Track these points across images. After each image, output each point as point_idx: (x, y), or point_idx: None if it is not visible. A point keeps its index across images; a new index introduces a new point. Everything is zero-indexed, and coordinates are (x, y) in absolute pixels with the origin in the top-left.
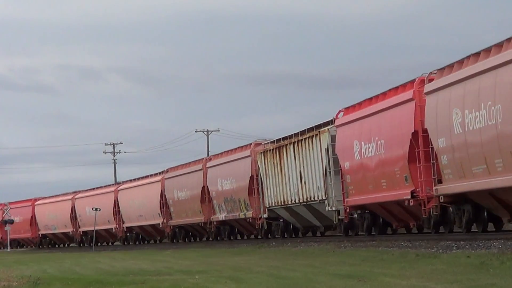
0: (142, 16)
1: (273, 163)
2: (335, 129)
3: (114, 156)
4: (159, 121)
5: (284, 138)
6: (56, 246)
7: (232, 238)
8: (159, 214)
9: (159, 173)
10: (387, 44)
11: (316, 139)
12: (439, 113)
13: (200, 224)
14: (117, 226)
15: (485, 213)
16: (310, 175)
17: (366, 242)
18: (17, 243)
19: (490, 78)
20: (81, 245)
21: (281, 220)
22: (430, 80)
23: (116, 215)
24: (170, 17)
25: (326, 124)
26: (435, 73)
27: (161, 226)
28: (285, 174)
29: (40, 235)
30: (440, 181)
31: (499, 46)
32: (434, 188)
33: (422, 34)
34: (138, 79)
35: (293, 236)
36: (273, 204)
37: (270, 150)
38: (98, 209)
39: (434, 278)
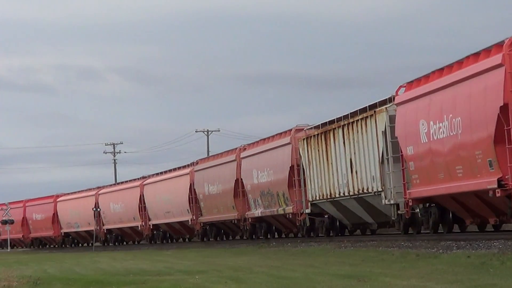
0: (140, 16)
1: (318, 150)
2: (395, 108)
3: (114, 156)
4: (159, 121)
5: (331, 122)
6: (80, 245)
7: (269, 236)
8: (188, 210)
9: (188, 165)
10: (387, 44)
11: (371, 120)
12: None
13: (233, 221)
14: (143, 223)
15: None
16: (363, 163)
17: (366, 242)
18: (39, 242)
19: None
20: (105, 244)
21: (326, 216)
22: None
23: (141, 211)
24: (169, 17)
25: (383, 102)
26: None
27: (190, 223)
28: (332, 163)
29: (63, 234)
30: None
31: None
32: None
33: (422, 34)
34: (137, 79)
35: (339, 234)
36: (317, 198)
37: (314, 136)
38: (98, 209)
39: (435, 278)
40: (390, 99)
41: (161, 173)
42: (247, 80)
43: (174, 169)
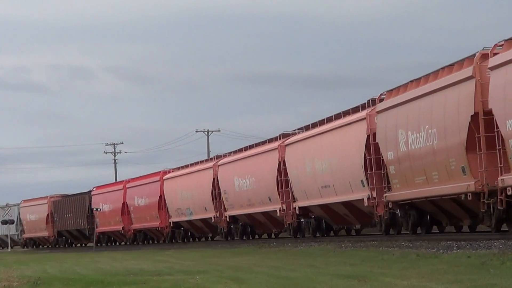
0: (137, 16)
1: None
2: None
3: (114, 156)
4: (159, 121)
5: None
6: (196, 239)
7: None
8: (362, 182)
9: (362, 105)
10: (386, 43)
11: None
12: None
13: (467, 196)
14: (284, 207)
15: None
16: None
17: (367, 242)
18: (143, 236)
19: None
20: (228, 238)
21: None
22: None
23: (280, 188)
24: (169, 16)
25: None
26: None
27: (366, 204)
28: None
29: (171, 224)
30: None
31: None
32: None
33: (421, 34)
34: (134, 79)
35: None
36: None
37: None
38: (99, 209)
39: (435, 278)
40: None
41: (315, 124)
42: (247, 80)
43: (338, 115)
